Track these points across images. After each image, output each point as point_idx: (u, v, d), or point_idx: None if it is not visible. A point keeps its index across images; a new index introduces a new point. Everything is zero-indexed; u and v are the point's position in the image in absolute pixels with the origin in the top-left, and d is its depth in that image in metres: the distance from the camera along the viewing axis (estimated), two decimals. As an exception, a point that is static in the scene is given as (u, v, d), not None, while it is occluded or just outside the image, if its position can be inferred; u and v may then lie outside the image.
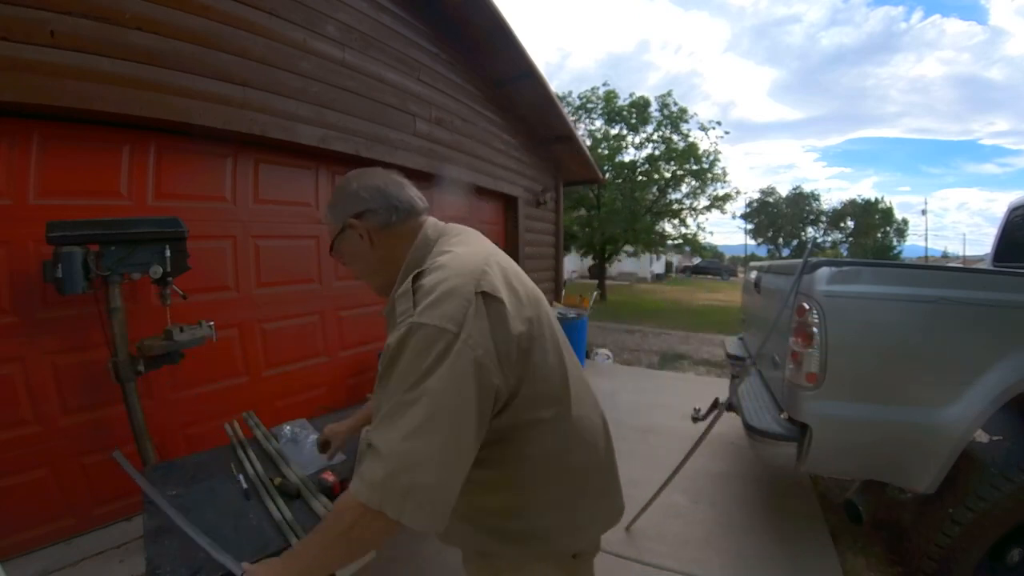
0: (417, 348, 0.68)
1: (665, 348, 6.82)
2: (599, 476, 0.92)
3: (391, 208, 0.90)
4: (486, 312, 0.72)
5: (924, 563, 1.63)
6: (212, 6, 2.22)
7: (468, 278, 0.74)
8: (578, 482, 0.87)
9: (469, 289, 0.72)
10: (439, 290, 0.71)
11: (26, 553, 1.83)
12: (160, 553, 0.98)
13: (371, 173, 0.94)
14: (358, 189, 0.90)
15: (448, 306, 0.69)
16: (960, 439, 1.55)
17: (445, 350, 0.67)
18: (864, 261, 2.66)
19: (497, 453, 0.80)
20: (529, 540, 0.84)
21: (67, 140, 1.93)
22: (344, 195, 0.92)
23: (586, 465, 0.89)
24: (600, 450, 0.93)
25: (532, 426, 0.80)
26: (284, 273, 2.70)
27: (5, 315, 1.79)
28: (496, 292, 0.74)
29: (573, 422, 0.86)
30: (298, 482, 1.26)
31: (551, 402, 0.82)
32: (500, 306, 0.73)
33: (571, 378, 0.89)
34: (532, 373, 0.78)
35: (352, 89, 2.96)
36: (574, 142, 5.57)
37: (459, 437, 0.68)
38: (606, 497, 0.93)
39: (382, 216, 0.89)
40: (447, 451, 0.67)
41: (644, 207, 13.48)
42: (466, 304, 0.70)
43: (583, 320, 3.99)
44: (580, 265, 24.38)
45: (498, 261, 0.84)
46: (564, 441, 0.85)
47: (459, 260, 0.78)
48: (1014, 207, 3.30)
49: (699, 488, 2.58)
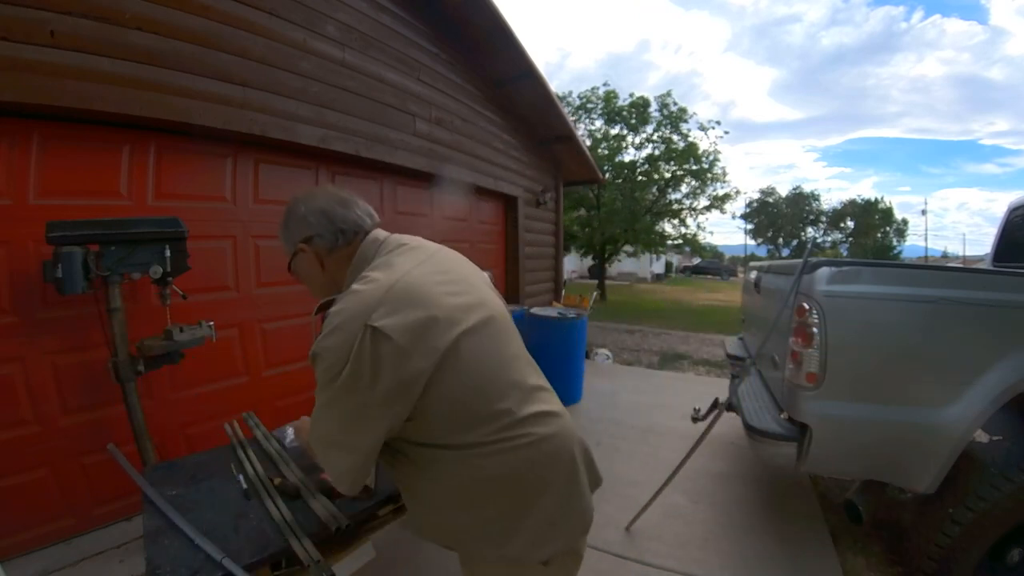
0: (319, 369, 0.79)
1: (665, 348, 6.82)
2: (554, 491, 0.87)
3: (336, 232, 0.93)
4: (370, 347, 0.74)
5: (924, 563, 1.63)
6: (212, 6, 2.22)
7: (359, 314, 0.76)
8: (524, 498, 0.85)
9: (358, 324, 0.75)
10: (334, 322, 0.78)
11: (26, 553, 1.83)
12: (160, 553, 0.98)
13: (316, 195, 0.97)
14: (305, 213, 0.94)
15: (335, 340, 0.76)
16: (960, 439, 1.55)
17: (333, 378, 0.76)
18: (864, 261, 2.66)
19: (420, 469, 0.87)
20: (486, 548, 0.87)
21: (67, 140, 1.93)
22: (293, 219, 0.95)
23: (534, 481, 0.86)
24: (560, 467, 0.89)
25: (451, 449, 0.83)
26: (284, 273, 2.64)
27: (5, 315, 1.79)
28: (385, 329, 0.74)
29: (514, 440, 0.83)
30: (298, 482, 1.26)
31: (472, 425, 0.82)
32: (388, 342, 0.74)
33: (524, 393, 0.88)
34: (439, 403, 0.80)
35: (352, 89, 2.96)
36: (574, 142, 5.57)
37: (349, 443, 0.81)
38: (567, 509, 0.89)
39: (328, 240, 0.93)
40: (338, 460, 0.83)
41: (644, 207, 13.48)
42: (351, 339, 0.75)
43: (583, 320, 3.99)
44: (580, 265, 24.39)
45: (412, 283, 0.81)
46: (498, 460, 0.83)
47: (362, 291, 0.80)
48: (1014, 207, 3.30)
49: (699, 488, 2.58)
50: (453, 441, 0.82)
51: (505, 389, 0.86)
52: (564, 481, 0.89)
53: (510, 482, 0.84)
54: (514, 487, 0.85)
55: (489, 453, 0.82)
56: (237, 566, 0.92)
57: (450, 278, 0.89)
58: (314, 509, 1.16)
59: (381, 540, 1.27)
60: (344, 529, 1.11)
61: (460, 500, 0.86)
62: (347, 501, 1.19)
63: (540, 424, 0.87)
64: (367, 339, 0.74)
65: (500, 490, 0.85)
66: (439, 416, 0.81)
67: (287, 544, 1.03)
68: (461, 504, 0.86)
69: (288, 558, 1.04)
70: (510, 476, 0.84)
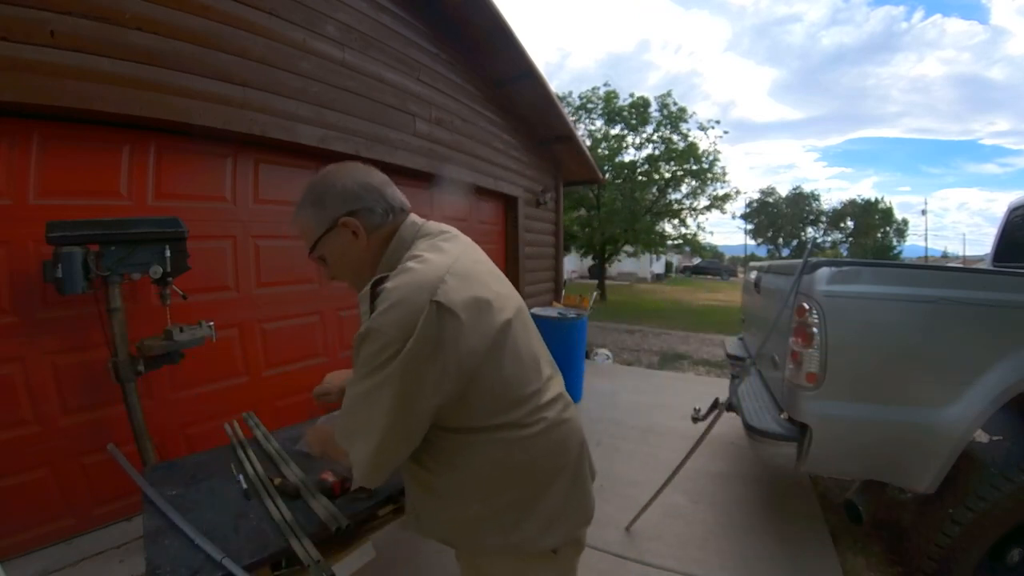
0: (369, 350, 0.75)
1: (665, 348, 6.82)
2: (564, 477, 0.90)
3: (388, 208, 0.90)
4: (436, 322, 0.73)
5: (924, 563, 1.63)
6: (212, 6, 2.22)
7: (424, 288, 0.75)
8: (538, 484, 0.87)
9: (423, 298, 0.73)
10: (393, 297, 0.75)
11: (26, 553, 1.83)
12: (160, 553, 0.98)
13: (357, 169, 0.92)
14: (352, 187, 0.88)
15: (398, 314, 0.73)
16: (960, 439, 1.54)
17: (393, 355, 0.72)
18: (864, 261, 2.66)
19: (445, 457, 0.85)
20: (492, 537, 0.86)
21: (67, 140, 1.92)
22: (333, 192, 0.88)
23: (553, 466, 0.88)
24: (570, 453, 0.92)
25: (484, 432, 0.83)
26: (284, 273, 2.69)
27: (5, 315, 1.79)
28: (452, 305, 0.75)
29: (536, 425, 0.86)
30: (298, 482, 1.26)
31: (508, 407, 0.84)
32: (454, 319, 0.74)
33: (543, 381, 0.90)
34: (486, 383, 0.80)
35: (352, 89, 2.96)
36: (574, 142, 5.57)
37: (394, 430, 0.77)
38: (573, 498, 0.92)
39: (378, 216, 0.89)
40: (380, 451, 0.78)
41: (644, 207, 13.47)
42: (416, 313, 0.72)
43: (583, 320, 3.99)
44: (580, 265, 24.38)
45: (466, 267, 0.84)
46: (521, 444, 0.84)
47: (421, 268, 0.79)
48: (1014, 207, 3.30)
49: (699, 488, 2.58)
50: (490, 423, 0.83)
51: (533, 374, 0.89)
52: (573, 467, 0.92)
53: (528, 467, 0.86)
54: (530, 472, 0.86)
55: (517, 438, 0.84)
56: (237, 566, 0.92)
57: (488, 268, 0.94)
58: (314, 509, 1.15)
59: (381, 540, 1.27)
60: (344, 529, 1.11)
61: (479, 488, 0.86)
62: (347, 501, 1.20)
63: (558, 409, 0.91)
64: (433, 314, 0.73)
65: (519, 476, 0.86)
66: (483, 396, 0.81)
67: (287, 544, 1.03)
68: (479, 493, 0.85)
69: (288, 558, 1.04)
70: (529, 461, 0.85)
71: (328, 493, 1.21)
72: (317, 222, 0.89)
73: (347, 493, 1.22)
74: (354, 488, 0.79)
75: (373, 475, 0.81)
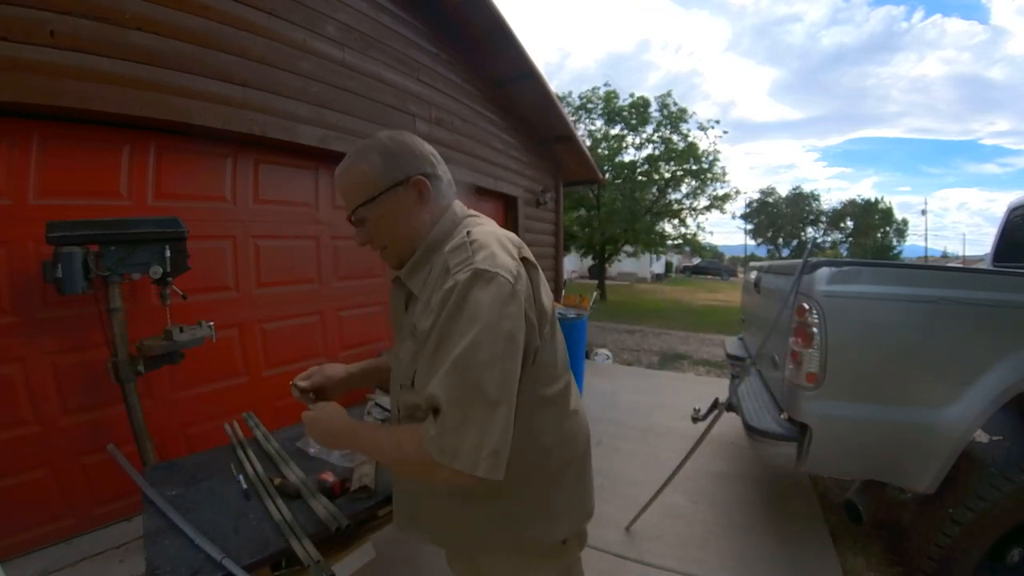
0: (488, 292, 0.68)
1: (665, 348, 6.82)
2: (574, 470, 0.91)
3: (451, 182, 0.90)
4: (527, 275, 0.77)
5: (924, 563, 1.63)
6: (212, 6, 2.22)
7: (510, 245, 0.79)
8: (550, 477, 0.87)
9: (514, 252, 0.77)
10: (493, 246, 0.75)
11: (26, 553, 1.83)
12: (160, 553, 0.98)
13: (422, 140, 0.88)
14: (428, 152, 0.85)
15: (504, 258, 0.73)
16: (960, 439, 1.54)
17: (511, 295, 0.70)
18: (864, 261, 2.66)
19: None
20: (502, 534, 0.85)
21: (67, 140, 1.93)
22: (409, 149, 0.82)
23: (564, 458, 0.89)
24: (580, 445, 0.94)
25: (535, 404, 0.82)
26: (284, 273, 2.69)
27: (5, 315, 1.79)
28: (533, 259, 0.81)
29: (561, 410, 0.89)
30: (298, 482, 1.26)
31: (553, 380, 0.86)
32: (536, 273, 0.80)
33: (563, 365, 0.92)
34: (548, 345, 0.82)
35: (352, 89, 2.96)
36: (574, 142, 5.57)
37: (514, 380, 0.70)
38: (579, 491, 0.93)
39: (444, 186, 0.87)
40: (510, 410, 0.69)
41: (644, 207, 13.48)
42: (515, 262, 0.75)
43: (583, 320, 3.99)
44: (580, 265, 24.37)
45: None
46: (551, 427, 0.86)
47: (492, 230, 0.82)
48: (1014, 207, 3.30)
49: (699, 488, 2.58)
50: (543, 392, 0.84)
51: (562, 351, 0.91)
52: (580, 460, 0.93)
53: (543, 460, 0.86)
54: (544, 466, 0.86)
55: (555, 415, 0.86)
56: (237, 566, 0.92)
57: None
58: (314, 509, 1.16)
59: (381, 540, 1.27)
60: (344, 529, 1.11)
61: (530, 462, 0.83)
62: (347, 501, 1.20)
63: (573, 397, 0.93)
64: (522, 266, 0.76)
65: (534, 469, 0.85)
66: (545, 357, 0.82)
67: (287, 544, 1.03)
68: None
69: (288, 558, 1.04)
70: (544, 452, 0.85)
71: (328, 493, 1.21)
72: (385, 173, 0.79)
73: (347, 493, 1.23)
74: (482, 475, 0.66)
75: (502, 457, 0.67)
